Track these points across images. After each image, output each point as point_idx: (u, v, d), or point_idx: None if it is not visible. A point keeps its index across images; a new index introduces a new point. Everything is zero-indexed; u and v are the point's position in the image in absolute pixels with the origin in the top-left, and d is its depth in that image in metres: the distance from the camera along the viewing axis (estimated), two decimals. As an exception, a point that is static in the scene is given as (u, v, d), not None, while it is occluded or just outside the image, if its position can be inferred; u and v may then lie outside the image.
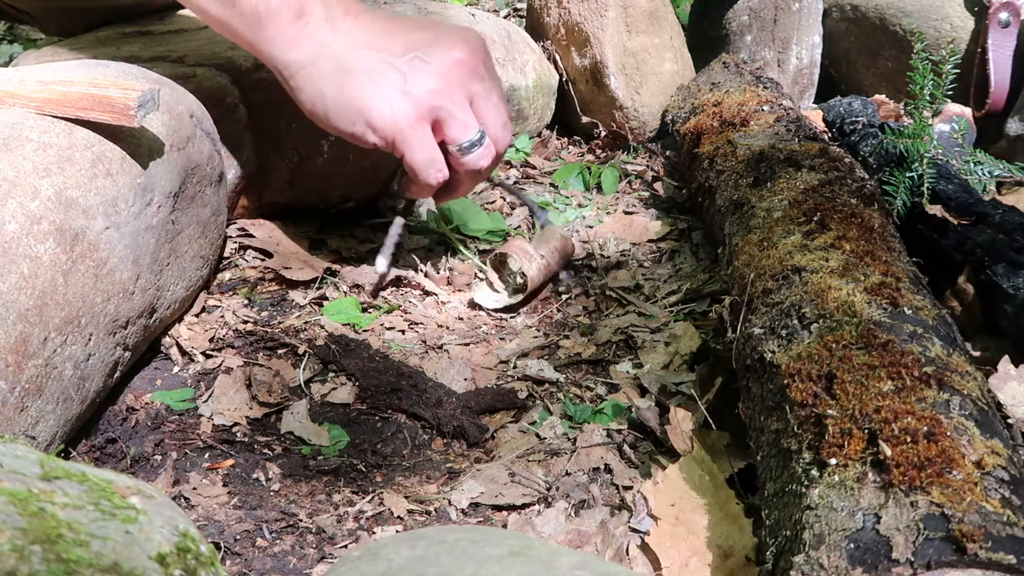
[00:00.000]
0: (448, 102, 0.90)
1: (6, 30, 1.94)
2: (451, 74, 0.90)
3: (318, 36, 0.89)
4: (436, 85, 0.89)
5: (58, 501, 0.40)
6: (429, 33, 0.92)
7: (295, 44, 0.89)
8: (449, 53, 0.90)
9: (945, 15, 1.38)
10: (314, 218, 1.15)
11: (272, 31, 0.88)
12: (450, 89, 0.90)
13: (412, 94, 0.89)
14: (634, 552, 0.70)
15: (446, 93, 0.90)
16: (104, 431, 0.81)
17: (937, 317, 0.71)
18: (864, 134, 1.15)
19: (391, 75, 0.89)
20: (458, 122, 0.91)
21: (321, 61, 0.89)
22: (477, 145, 0.93)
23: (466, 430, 0.83)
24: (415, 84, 0.89)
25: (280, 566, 0.69)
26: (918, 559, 0.48)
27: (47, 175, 0.73)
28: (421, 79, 0.89)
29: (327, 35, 0.89)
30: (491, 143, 0.94)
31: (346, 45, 0.89)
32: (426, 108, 0.90)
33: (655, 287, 1.07)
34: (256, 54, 0.93)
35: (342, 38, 0.89)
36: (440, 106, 0.90)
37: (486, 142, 0.93)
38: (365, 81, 0.89)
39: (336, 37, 0.89)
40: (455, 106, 0.91)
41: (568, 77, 1.48)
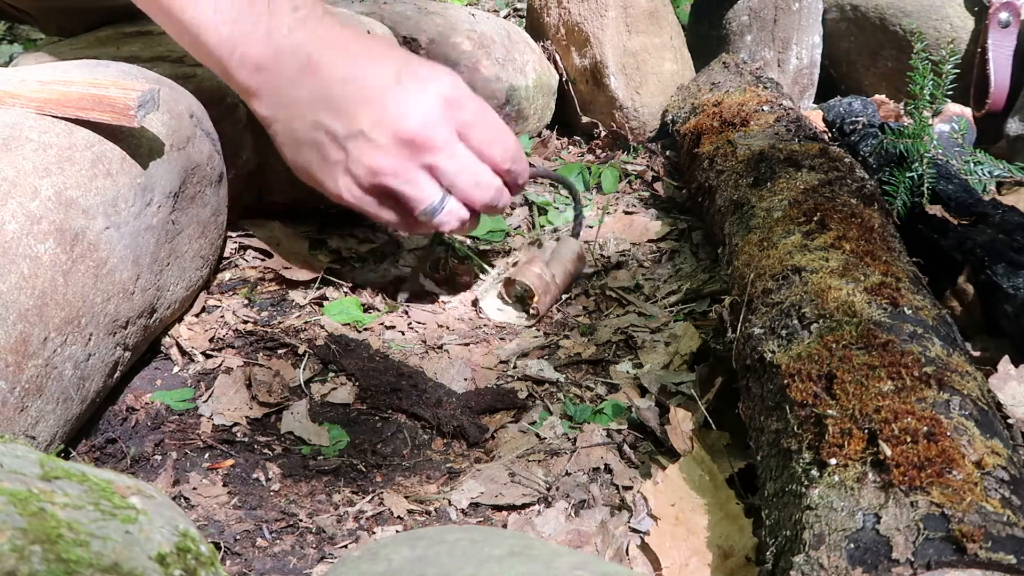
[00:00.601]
0: (393, 180, 0.88)
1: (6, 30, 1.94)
2: (397, 150, 0.87)
3: (279, 92, 0.88)
4: (379, 165, 0.88)
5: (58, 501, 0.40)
6: (381, 99, 0.87)
7: (260, 96, 0.89)
8: (396, 127, 0.87)
9: (945, 15, 1.38)
10: (314, 218, 1.15)
11: (238, 81, 0.88)
12: (395, 168, 0.88)
13: (354, 173, 0.88)
14: (634, 552, 0.70)
15: (390, 172, 0.88)
16: (104, 431, 0.81)
17: (937, 317, 0.71)
18: (864, 134, 1.15)
19: (334, 153, 0.88)
20: (408, 196, 0.90)
21: (277, 123, 0.90)
22: (438, 211, 0.91)
23: (466, 430, 0.83)
24: (356, 164, 0.88)
25: (280, 566, 0.69)
26: (918, 559, 0.48)
27: (47, 175, 0.73)
28: (364, 160, 0.88)
29: (286, 93, 0.88)
30: (456, 206, 0.91)
31: (301, 109, 0.88)
32: (369, 185, 0.89)
33: (655, 287, 1.07)
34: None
35: (298, 98, 0.88)
36: (384, 184, 0.89)
37: (446, 207, 0.91)
38: (313, 156, 0.89)
39: (293, 95, 0.88)
40: (402, 182, 0.89)
41: (568, 77, 1.48)
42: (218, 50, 0.86)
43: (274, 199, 1.13)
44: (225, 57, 0.86)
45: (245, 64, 0.86)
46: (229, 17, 0.85)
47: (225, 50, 0.86)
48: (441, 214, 0.91)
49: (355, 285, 1.04)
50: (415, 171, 0.89)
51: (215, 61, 0.87)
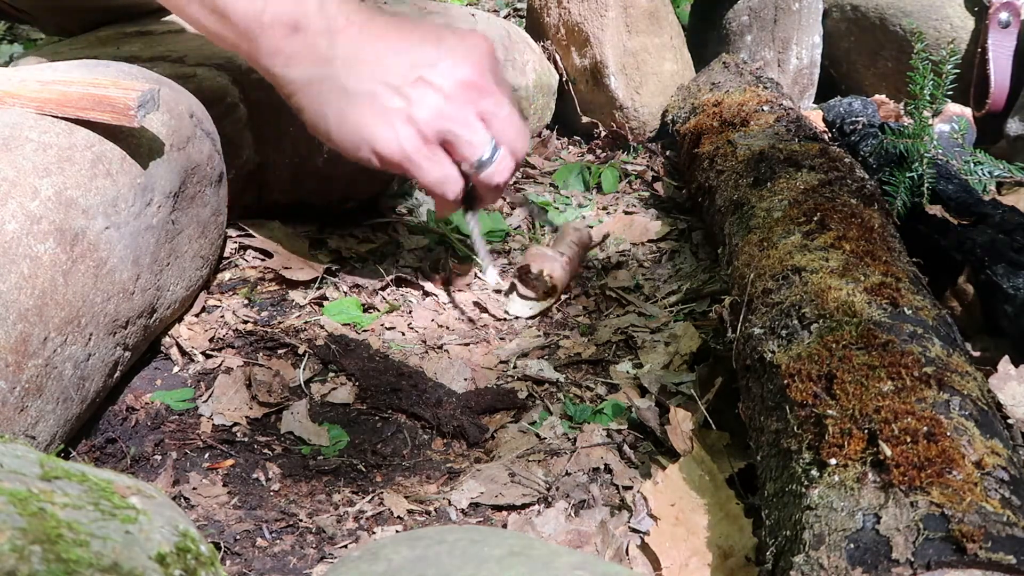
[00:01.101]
0: (455, 125, 0.87)
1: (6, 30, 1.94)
2: (458, 95, 0.87)
3: (316, 52, 0.85)
4: (442, 109, 0.86)
5: (58, 501, 0.40)
6: (434, 49, 0.87)
7: (292, 60, 0.85)
8: (455, 72, 0.86)
9: (945, 15, 1.38)
10: (314, 218, 1.15)
11: (267, 47, 0.85)
12: (457, 111, 0.87)
13: (418, 120, 0.86)
14: (634, 552, 0.70)
15: (453, 116, 0.87)
16: (104, 431, 0.81)
17: (937, 317, 0.71)
18: (864, 134, 1.15)
19: (395, 101, 0.86)
20: (467, 143, 0.88)
21: (321, 81, 0.86)
22: (490, 162, 0.89)
23: (466, 430, 0.83)
24: (420, 109, 0.86)
25: (280, 566, 0.69)
26: (918, 559, 0.48)
27: (47, 175, 0.73)
28: (427, 104, 0.86)
29: (326, 50, 0.85)
30: (506, 155, 0.91)
31: (347, 63, 0.85)
32: (432, 132, 0.87)
33: (655, 287, 1.07)
34: (256, 68, 0.90)
35: (342, 54, 0.85)
36: (447, 129, 0.87)
37: (499, 156, 0.90)
38: (368, 108, 0.86)
39: (336, 53, 0.85)
40: (463, 127, 0.88)
41: (568, 77, 1.48)
42: (244, 15, 0.83)
43: (274, 199, 1.13)
44: (252, 22, 0.83)
45: (276, 26, 0.83)
46: None
47: (252, 14, 0.83)
48: (494, 164, 0.90)
49: (355, 285, 1.04)
50: (472, 117, 0.88)
51: (240, 31, 0.84)
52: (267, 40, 0.84)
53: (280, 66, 0.86)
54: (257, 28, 0.83)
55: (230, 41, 0.87)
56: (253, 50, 0.86)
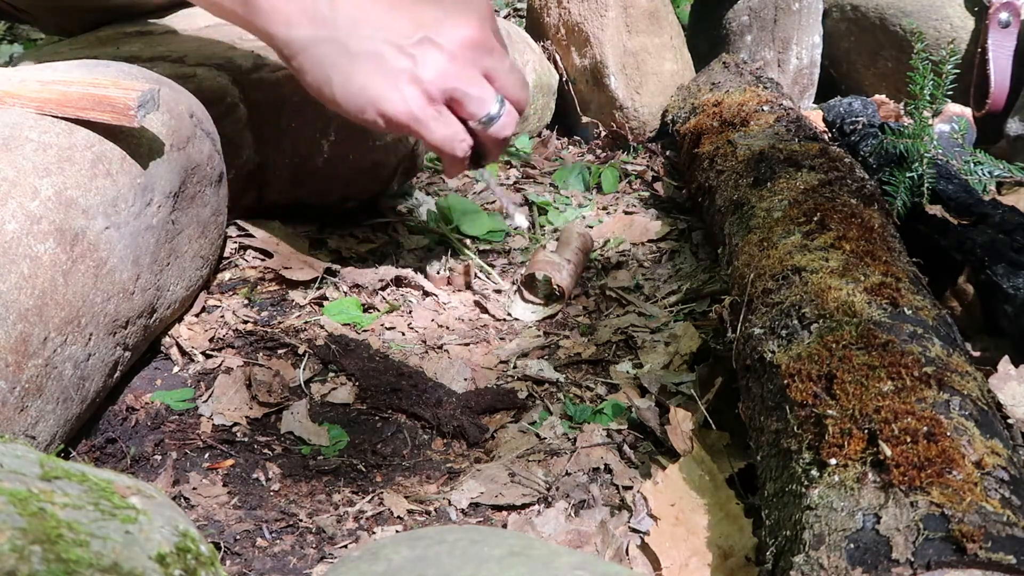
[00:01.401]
0: (462, 83, 0.87)
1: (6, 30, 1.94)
2: (463, 53, 0.86)
3: (317, 11, 0.83)
4: (448, 67, 0.86)
5: (58, 501, 0.40)
6: (436, 8, 0.87)
7: (292, 21, 0.84)
8: (459, 30, 0.86)
9: (945, 15, 1.38)
10: (314, 218, 1.15)
11: (265, 6, 0.84)
12: (463, 68, 0.87)
13: (423, 80, 0.85)
14: (634, 552, 0.70)
15: (459, 74, 0.87)
16: (104, 431, 0.81)
17: (937, 317, 0.71)
18: (864, 134, 1.15)
19: (400, 60, 0.85)
20: (474, 99, 0.88)
21: (323, 43, 0.84)
22: (497, 117, 0.90)
23: (466, 430, 0.83)
24: (426, 68, 0.85)
25: (280, 566, 0.69)
26: (918, 559, 0.48)
27: (47, 175, 0.73)
28: (432, 62, 0.85)
29: (327, 10, 0.83)
30: (511, 108, 0.91)
31: (349, 23, 0.84)
32: (439, 91, 0.86)
33: (655, 287, 1.07)
34: (254, 32, 0.88)
35: (344, 14, 0.84)
36: (454, 87, 0.87)
37: (506, 110, 0.90)
38: (373, 68, 0.85)
39: (337, 13, 0.84)
40: (469, 84, 0.87)
41: (568, 77, 1.48)
42: None
43: (274, 199, 1.13)
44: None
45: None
46: None
47: None
48: (502, 118, 0.90)
49: (355, 285, 1.04)
50: (478, 74, 0.88)
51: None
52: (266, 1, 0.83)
53: (281, 27, 0.85)
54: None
55: (226, 6, 0.85)
56: (250, 12, 0.84)
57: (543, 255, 1.05)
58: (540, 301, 1.03)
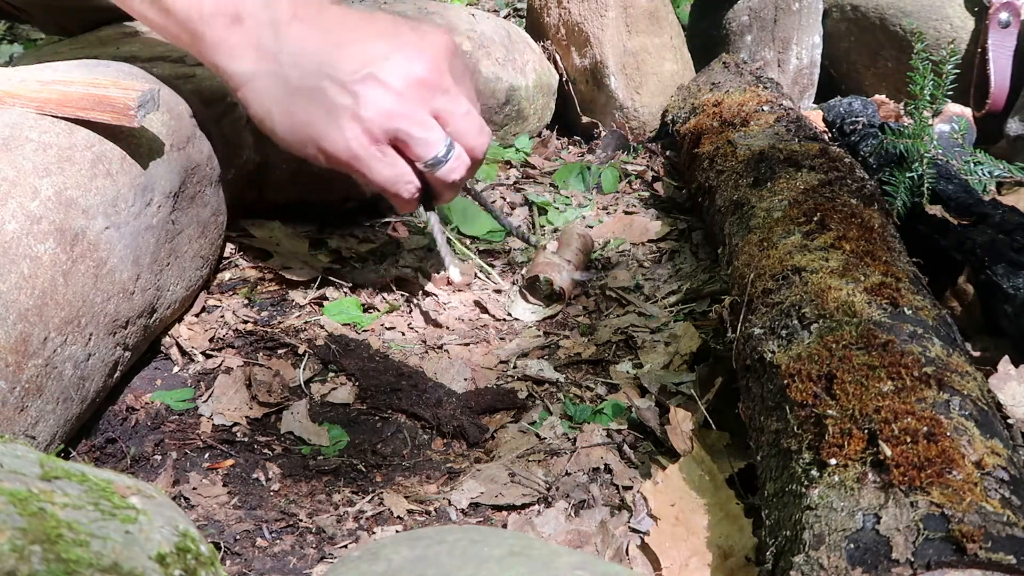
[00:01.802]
0: (405, 123, 0.84)
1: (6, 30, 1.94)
2: (409, 92, 0.83)
3: (261, 44, 0.81)
4: (391, 107, 0.83)
5: (58, 501, 0.40)
6: (386, 44, 0.84)
7: (236, 53, 0.82)
8: (407, 68, 0.83)
9: (945, 15, 1.38)
10: (314, 218, 1.15)
11: (210, 38, 0.82)
12: (408, 109, 0.84)
13: (364, 118, 0.83)
14: (634, 552, 0.70)
15: (403, 114, 0.84)
16: (104, 431, 0.81)
17: (937, 317, 0.71)
18: (864, 134, 1.15)
19: (342, 97, 0.82)
20: (419, 141, 0.86)
21: (265, 76, 0.83)
22: (443, 160, 0.87)
23: (466, 430, 0.83)
24: (367, 107, 0.83)
25: (280, 566, 0.69)
26: (918, 559, 0.48)
27: (47, 175, 0.73)
28: (375, 102, 0.83)
29: (270, 43, 0.81)
30: (462, 152, 0.88)
31: (292, 57, 0.82)
32: (381, 131, 0.84)
33: (655, 287, 1.07)
34: (203, 62, 0.86)
35: (288, 48, 0.81)
36: (397, 128, 0.84)
37: (454, 154, 0.88)
38: (313, 106, 0.83)
39: (281, 46, 0.81)
40: (414, 125, 0.85)
41: (568, 77, 1.48)
42: (185, 6, 0.80)
43: (274, 199, 1.13)
44: (193, 12, 0.80)
45: (217, 16, 0.80)
46: None
47: (193, 4, 0.80)
48: (449, 162, 0.87)
49: (355, 285, 1.04)
50: (426, 115, 0.85)
51: (182, 23, 0.81)
52: (209, 31, 0.81)
53: (224, 59, 0.83)
54: (198, 18, 0.81)
55: (174, 34, 0.84)
56: (197, 43, 0.83)
57: (544, 256, 1.05)
58: (541, 303, 1.04)
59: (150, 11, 0.83)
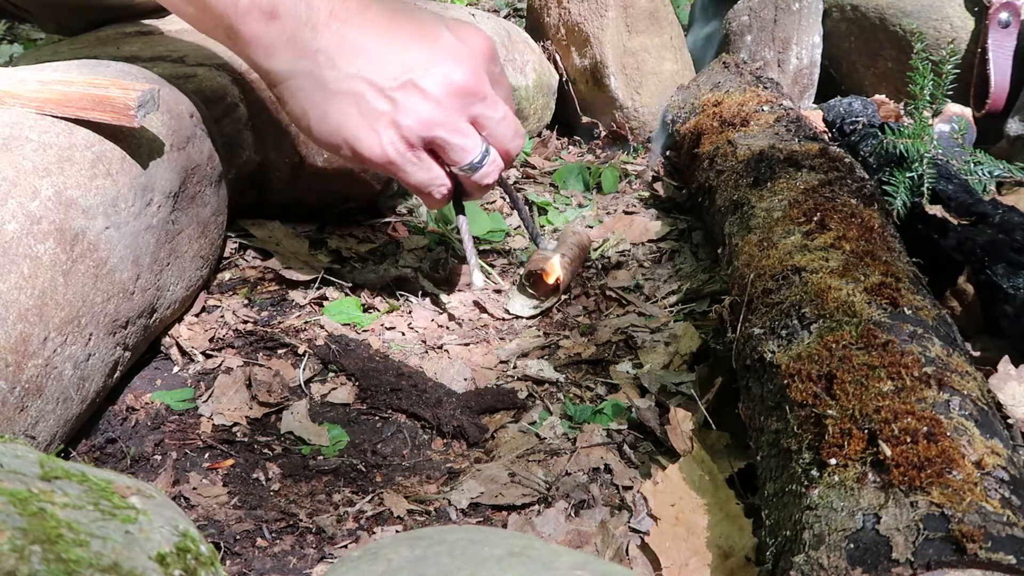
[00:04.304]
0: (443, 131, 0.84)
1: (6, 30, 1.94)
2: (448, 100, 0.83)
3: (298, 42, 0.80)
4: (430, 114, 0.83)
5: (58, 501, 0.40)
6: (428, 50, 0.83)
7: (272, 50, 0.81)
8: (447, 76, 0.82)
9: (945, 15, 1.38)
10: (314, 218, 1.15)
11: (246, 34, 0.80)
12: (446, 117, 0.84)
13: (403, 125, 0.83)
14: (634, 552, 0.70)
15: (441, 122, 0.84)
16: (104, 431, 0.81)
17: (937, 317, 0.71)
18: (864, 134, 1.15)
19: (379, 104, 0.82)
20: (455, 147, 0.86)
21: (302, 75, 0.82)
22: (480, 165, 0.87)
23: (466, 430, 0.83)
24: (406, 114, 0.82)
25: (280, 566, 0.69)
26: (918, 559, 0.48)
27: (47, 175, 0.73)
28: (413, 108, 0.82)
29: (308, 42, 0.80)
30: (497, 156, 0.89)
31: (330, 58, 0.81)
32: (418, 138, 0.84)
33: (655, 287, 1.07)
34: (242, 58, 0.86)
35: (326, 47, 0.80)
36: (434, 136, 0.84)
37: (490, 158, 0.88)
38: (351, 109, 0.82)
39: (319, 45, 0.80)
40: (452, 132, 0.85)
41: (568, 77, 1.48)
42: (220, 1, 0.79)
43: (274, 199, 1.13)
44: (228, 8, 0.79)
45: (253, 12, 0.79)
46: None
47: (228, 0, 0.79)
48: (484, 167, 0.87)
49: (355, 285, 1.04)
50: (463, 122, 0.85)
51: (218, 17, 0.80)
52: (245, 27, 0.80)
53: (260, 55, 0.82)
54: (233, 13, 0.79)
55: (209, 28, 0.83)
56: (233, 38, 0.82)
57: (539, 253, 1.05)
58: (538, 298, 1.03)
59: (186, 5, 0.82)
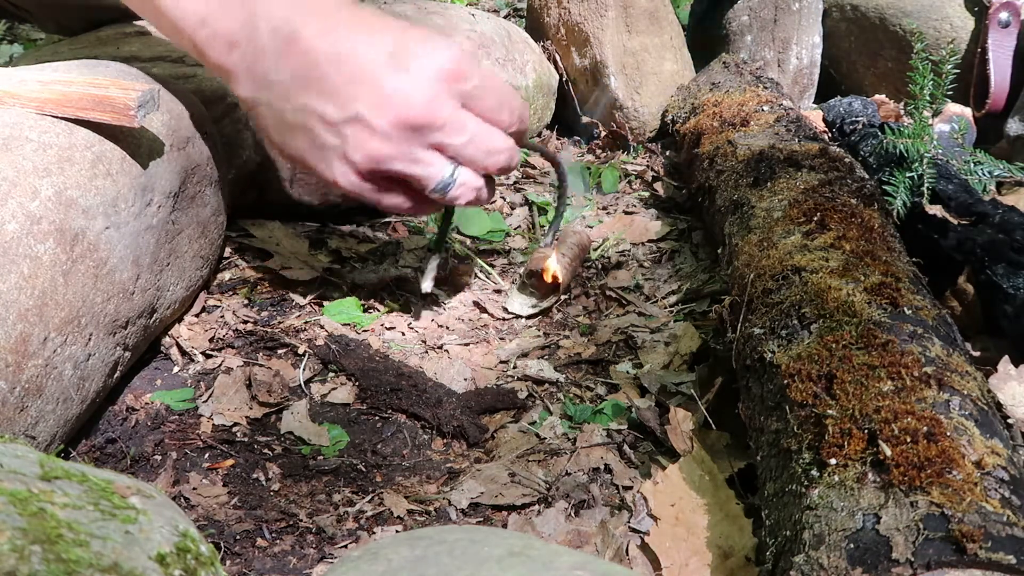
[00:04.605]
0: (398, 163, 0.81)
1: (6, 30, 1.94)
2: (398, 134, 0.80)
3: (257, 72, 0.80)
4: (379, 150, 0.80)
5: (58, 501, 0.40)
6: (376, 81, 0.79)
7: (237, 79, 0.81)
8: (395, 111, 0.79)
9: (945, 15, 1.38)
10: (314, 218, 1.15)
11: (212, 61, 0.81)
12: (397, 150, 0.81)
13: (353, 160, 0.81)
14: (634, 552, 0.70)
15: (393, 155, 0.81)
16: (104, 431, 0.81)
17: (937, 317, 0.71)
18: (864, 134, 1.15)
19: (329, 138, 0.80)
20: (415, 177, 0.83)
21: (263, 104, 0.82)
22: (447, 188, 0.84)
23: (466, 430, 0.83)
24: (355, 150, 0.80)
25: (280, 566, 0.69)
26: (918, 559, 0.48)
27: (47, 175, 0.73)
28: (362, 144, 0.80)
29: (267, 73, 0.79)
30: (470, 177, 0.85)
31: (285, 90, 0.80)
32: (369, 172, 0.82)
33: (655, 287, 1.07)
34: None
35: (282, 79, 0.79)
36: (389, 168, 0.82)
37: (458, 181, 0.84)
38: (304, 142, 0.82)
39: (276, 77, 0.79)
40: (407, 164, 0.82)
41: (568, 77, 1.48)
42: (185, 26, 0.79)
43: (274, 199, 1.13)
44: (194, 34, 0.79)
45: (216, 41, 0.79)
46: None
47: (192, 25, 0.79)
48: (454, 188, 0.84)
49: (355, 285, 1.04)
50: (420, 151, 0.82)
51: (187, 40, 0.81)
52: (211, 55, 0.81)
53: (229, 82, 0.83)
54: (201, 41, 0.80)
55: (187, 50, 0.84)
56: (204, 63, 0.83)
57: (539, 252, 1.05)
58: (539, 296, 1.03)
59: (162, 28, 0.84)
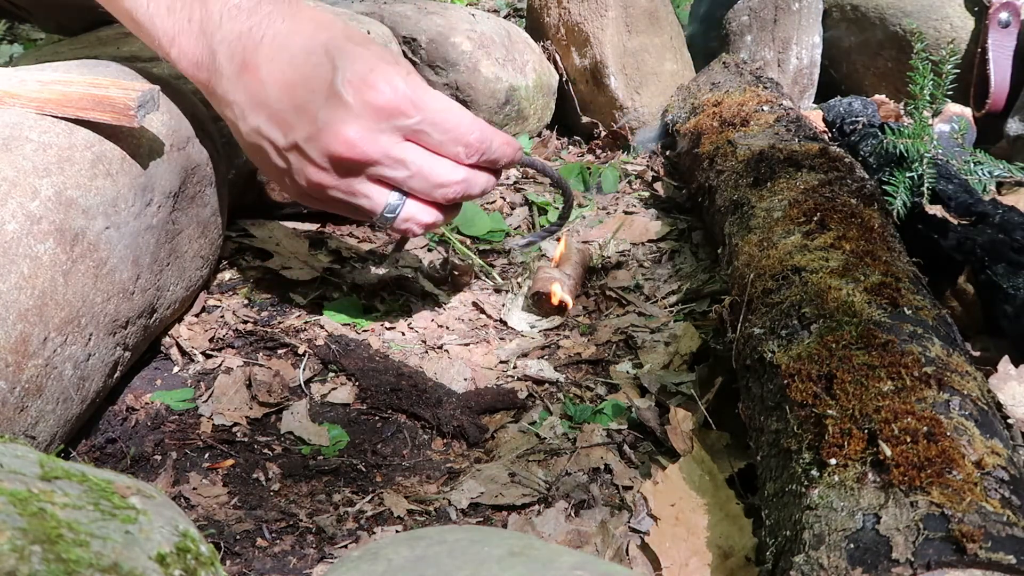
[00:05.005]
0: (336, 192, 0.82)
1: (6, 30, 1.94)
2: (334, 166, 0.81)
3: (219, 93, 0.82)
4: (318, 179, 0.82)
5: (58, 501, 0.40)
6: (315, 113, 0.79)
7: (209, 95, 0.85)
8: (327, 147, 0.79)
9: (945, 15, 1.38)
10: (314, 218, 1.15)
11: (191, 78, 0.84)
12: (335, 181, 0.82)
13: (298, 184, 0.83)
14: (634, 552, 0.70)
15: (331, 185, 0.82)
16: (104, 431, 0.81)
17: (937, 317, 0.71)
18: (864, 134, 1.15)
19: (277, 161, 0.83)
20: (355, 207, 0.84)
21: (228, 121, 0.85)
22: (393, 217, 0.84)
23: (466, 430, 0.83)
24: (298, 175, 0.82)
25: (280, 566, 0.69)
26: (918, 559, 0.48)
27: (47, 175, 0.73)
28: (303, 171, 0.82)
29: (227, 93, 0.82)
30: (417, 210, 0.84)
31: (241, 110, 0.82)
32: (311, 199, 0.85)
33: (655, 287, 1.07)
34: None
35: (238, 100, 0.82)
36: (329, 197, 0.83)
37: (403, 213, 0.84)
38: (261, 159, 0.85)
39: (233, 98, 0.82)
40: (346, 194, 0.83)
41: (568, 77, 1.48)
42: (159, 44, 0.82)
43: (274, 199, 1.13)
44: (167, 52, 0.82)
45: (183, 60, 0.82)
46: (164, 6, 0.80)
47: (164, 44, 0.82)
48: (399, 220, 0.84)
49: (355, 285, 1.04)
50: (358, 183, 0.82)
51: (163, 55, 0.84)
52: (182, 69, 0.84)
53: (206, 97, 0.86)
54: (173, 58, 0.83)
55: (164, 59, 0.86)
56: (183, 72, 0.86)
57: (545, 272, 1.04)
58: (541, 315, 1.03)
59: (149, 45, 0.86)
